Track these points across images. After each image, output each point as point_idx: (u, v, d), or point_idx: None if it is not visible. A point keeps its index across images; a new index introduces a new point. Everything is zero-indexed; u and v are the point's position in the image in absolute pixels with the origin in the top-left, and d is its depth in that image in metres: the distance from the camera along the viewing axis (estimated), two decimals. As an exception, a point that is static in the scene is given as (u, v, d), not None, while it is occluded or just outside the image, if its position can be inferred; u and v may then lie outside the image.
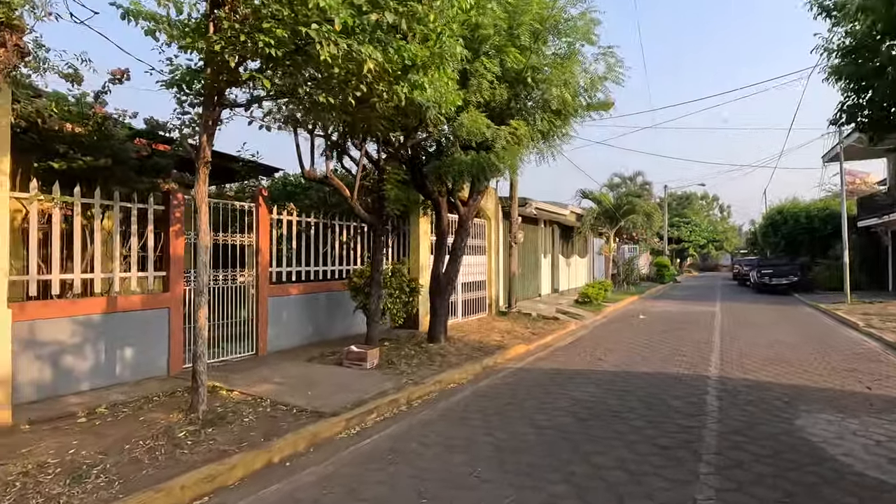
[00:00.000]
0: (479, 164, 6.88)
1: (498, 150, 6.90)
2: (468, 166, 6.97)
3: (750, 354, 8.44)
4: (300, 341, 8.17)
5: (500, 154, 6.91)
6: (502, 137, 7.22)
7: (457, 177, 7.36)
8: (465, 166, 6.99)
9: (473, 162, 6.90)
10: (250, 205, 7.42)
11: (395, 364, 7.18)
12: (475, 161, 6.88)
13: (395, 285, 8.03)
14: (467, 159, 6.94)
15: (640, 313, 15.05)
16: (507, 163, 7.33)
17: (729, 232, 58.39)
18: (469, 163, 6.93)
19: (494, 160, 6.84)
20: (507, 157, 7.29)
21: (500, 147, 7.03)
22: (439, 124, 6.97)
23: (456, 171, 7.17)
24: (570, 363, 7.96)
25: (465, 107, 7.00)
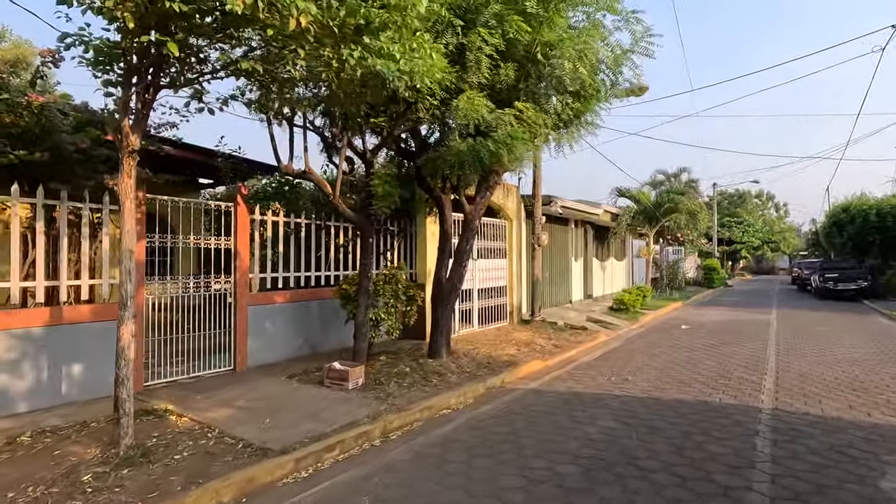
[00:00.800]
0: (476, 153, 5.88)
1: (499, 136, 5.88)
2: (463, 156, 5.99)
3: (813, 377, 7.01)
4: (287, 354, 7.41)
5: (502, 141, 5.88)
6: (506, 122, 6.21)
7: (449, 169, 6.38)
8: (460, 156, 6.02)
9: (469, 151, 5.91)
10: (227, 205, 6.73)
11: (382, 384, 6.28)
12: (471, 150, 5.90)
13: (389, 293, 7.13)
14: (463, 147, 5.96)
15: (683, 322, 13.53)
16: (513, 152, 6.29)
17: (786, 232, 54.40)
18: (465, 152, 5.95)
19: (494, 148, 5.82)
20: (514, 146, 6.25)
21: (503, 134, 6.01)
22: (430, 108, 6.04)
23: (449, 163, 6.20)
24: (591, 384, 6.82)
25: (458, 86, 6.05)
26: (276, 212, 7.35)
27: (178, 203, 6.20)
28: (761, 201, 56.51)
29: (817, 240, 42.68)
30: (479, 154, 5.86)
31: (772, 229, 51.24)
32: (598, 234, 18.07)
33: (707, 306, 18.30)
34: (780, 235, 52.05)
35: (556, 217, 14.48)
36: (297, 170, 6.18)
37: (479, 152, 5.85)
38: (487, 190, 7.88)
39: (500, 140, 5.87)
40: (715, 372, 7.39)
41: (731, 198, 53.45)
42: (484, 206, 7.88)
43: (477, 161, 5.95)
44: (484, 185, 7.87)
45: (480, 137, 5.91)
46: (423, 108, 6.07)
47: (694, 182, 24.51)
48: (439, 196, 7.78)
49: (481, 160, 5.92)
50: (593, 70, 6.68)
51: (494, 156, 5.92)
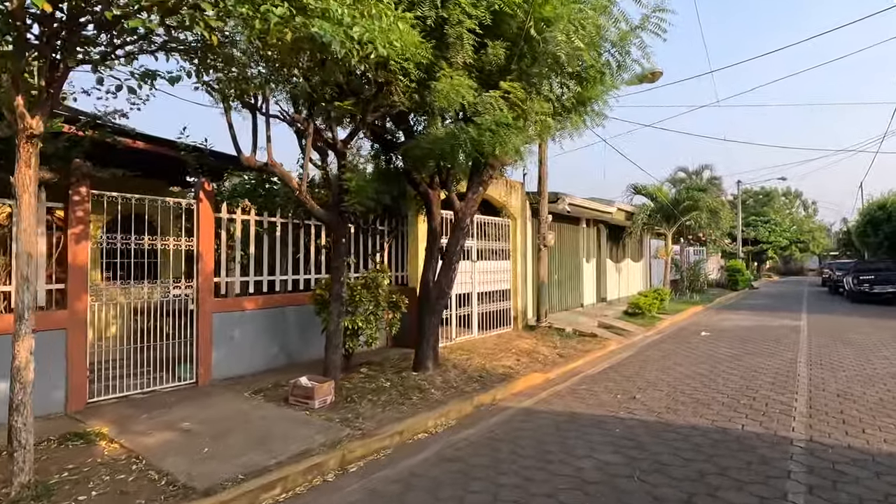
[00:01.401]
0: (454, 141, 5.14)
1: (483, 122, 5.13)
2: (441, 145, 5.25)
3: (852, 397, 6.07)
4: (259, 366, 6.77)
5: (486, 127, 5.13)
6: (494, 106, 5.45)
7: (431, 160, 5.66)
8: (437, 145, 5.29)
9: (447, 139, 5.17)
10: (189, 202, 6.12)
11: (354, 403, 5.59)
12: (449, 137, 5.16)
13: (368, 299, 6.44)
14: (440, 134, 5.23)
15: (703, 329, 12.54)
16: (503, 141, 5.52)
17: (816, 231, 52.16)
18: (443, 139, 5.22)
19: (475, 135, 5.07)
20: (502, 134, 5.49)
21: (489, 119, 5.26)
22: (406, 90, 5.33)
23: (426, 153, 5.48)
24: (593, 403, 6.01)
25: (439, 67, 5.33)
26: (246, 210, 6.73)
27: (129, 200, 5.61)
28: (789, 199, 54.30)
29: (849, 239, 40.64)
30: (459, 142, 5.11)
31: (800, 228, 49.20)
32: (613, 234, 17.11)
33: (730, 310, 17.17)
34: (809, 235, 49.93)
35: (566, 216, 13.62)
36: (260, 162, 5.53)
37: (459, 140, 5.11)
38: (480, 185, 7.12)
39: (483, 126, 5.11)
40: (737, 389, 6.50)
41: (757, 196, 51.46)
42: (476, 203, 7.13)
43: (456, 150, 5.21)
44: (476, 180, 7.11)
45: (462, 123, 5.16)
46: (399, 90, 5.36)
47: (716, 179, 23.25)
48: (426, 191, 7.06)
49: (462, 149, 5.17)
50: (593, 46, 5.87)
51: (477, 144, 5.16)
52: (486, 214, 10.84)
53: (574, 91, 6.71)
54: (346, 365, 6.77)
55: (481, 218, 10.47)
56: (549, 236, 11.28)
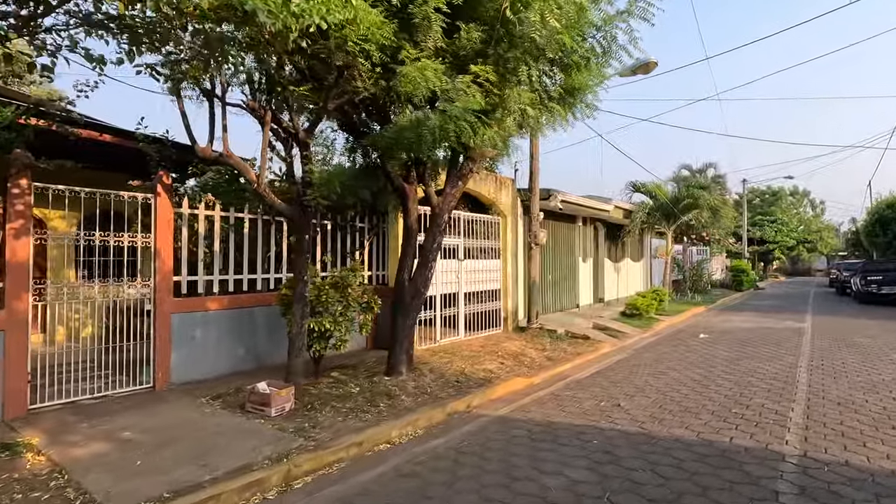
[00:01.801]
0: (418, 129, 4.75)
1: (450, 108, 4.75)
2: (405, 134, 4.87)
3: (854, 406, 5.64)
4: (224, 369, 6.43)
5: (453, 114, 4.74)
6: (467, 93, 5.07)
7: (392, 151, 5.29)
8: (401, 134, 4.91)
9: (411, 127, 4.79)
10: (146, 196, 5.79)
11: (315, 410, 5.22)
12: (413, 126, 4.77)
13: (337, 300, 6.07)
14: (405, 122, 4.85)
15: (702, 330, 12.08)
16: (471, 131, 5.14)
17: (824, 231, 51.24)
18: (407, 128, 4.84)
19: (440, 122, 4.68)
20: (471, 124, 5.10)
21: (456, 107, 4.87)
22: (370, 76, 4.96)
23: (390, 143, 5.10)
24: (574, 411, 5.61)
25: (407, 50, 4.96)
26: (210, 205, 6.38)
27: (79, 194, 5.27)
28: (796, 198, 53.42)
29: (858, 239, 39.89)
30: (423, 131, 4.73)
31: (808, 228, 48.35)
32: (611, 233, 16.66)
33: (732, 311, 16.67)
34: (817, 235, 49.06)
35: (561, 214, 13.20)
36: (215, 153, 5.18)
37: (423, 129, 4.72)
38: (459, 179, 6.74)
39: (449, 113, 4.72)
40: (730, 397, 6.08)
41: (764, 195, 50.65)
42: (455, 198, 6.75)
43: (422, 140, 4.83)
44: (455, 174, 6.74)
45: (429, 110, 4.77)
46: (362, 75, 4.99)
47: (721, 178, 22.67)
48: (401, 186, 6.69)
49: (427, 139, 4.79)
50: (574, 29, 5.47)
51: (443, 133, 4.77)
52: (475, 211, 10.48)
53: (558, 79, 6.33)
54: (315, 369, 6.42)
55: (469, 215, 10.10)
56: (541, 234, 10.88)
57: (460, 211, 9.93)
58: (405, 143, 4.97)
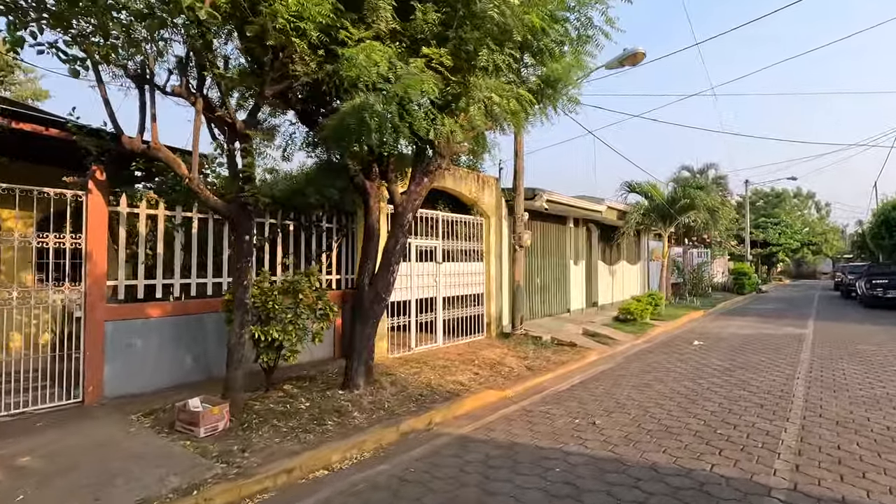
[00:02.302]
0: (360, 114, 4.23)
1: (392, 90, 4.22)
2: (347, 122, 4.36)
3: (855, 426, 5.08)
4: (167, 381, 5.93)
5: (395, 96, 4.22)
6: (422, 78, 4.56)
7: (339, 142, 4.78)
8: (343, 122, 4.39)
9: (353, 114, 4.27)
10: (76, 194, 5.30)
11: (252, 430, 4.71)
12: (355, 112, 4.25)
13: (287, 306, 5.56)
14: (347, 108, 4.33)
15: (698, 337, 11.50)
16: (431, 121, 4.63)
17: (829, 234, 50.47)
18: (349, 114, 4.32)
19: (381, 108, 4.15)
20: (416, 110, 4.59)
21: (397, 88, 4.35)
22: (311, 58, 4.46)
23: (333, 133, 4.59)
24: (544, 430, 5.08)
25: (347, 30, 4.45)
26: (152, 203, 5.90)
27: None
28: (800, 200, 52.64)
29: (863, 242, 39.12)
30: (363, 116, 4.21)
31: (812, 230, 47.59)
32: (605, 235, 16.10)
33: (732, 316, 16.07)
34: (822, 237, 48.30)
35: (550, 214, 12.67)
36: (142, 145, 4.69)
37: (363, 115, 4.21)
38: (425, 176, 6.22)
39: (391, 95, 4.20)
40: (718, 414, 5.53)
41: (767, 197, 49.94)
42: (420, 197, 6.23)
43: (363, 129, 4.31)
44: (420, 170, 6.23)
45: (372, 95, 4.25)
46: (305, 58, 4.49)
47: (722, 179, 22.06)
48: (362, 183, 6.20)
49: (369, 126, 4.26)
50: (538, 5, 4.96)
51: (389, 119, 4.25)
52: (456, 212, 9.97)
53: (536, 69, 5.83)
54: (267, 381, 5.91)
55: (449, 216, 9.59)
56: (525, 236, 10.35)
57: (439, 211, 9.44)
58: (349, 132, 4.46)
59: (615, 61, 8.86)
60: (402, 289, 8.48)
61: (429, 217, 9.07)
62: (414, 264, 8.70)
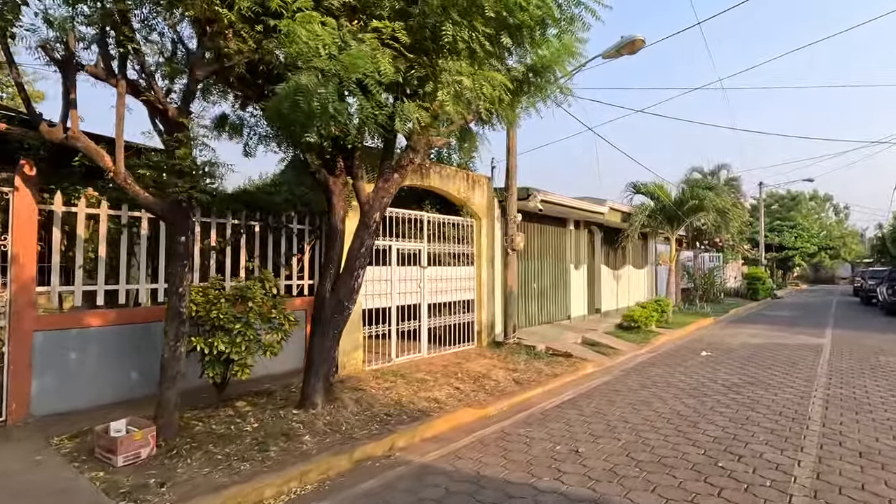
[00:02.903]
0: (294, 96, 3.65)
1: (330, 67, 3.63)
2: (281, 105, 3.78)
3: (880, 455, 4.37)
4: (108, 397, 5.39)
5: (331, 77, 3.63)
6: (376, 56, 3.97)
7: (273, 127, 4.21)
8: (278, 106, 3.81)
9: (287, 96, 3.69)
10: (4, 190, 4.80)
11: (180, 457, 4.14)
12: (290, 94, 3.66)
13: (232, 316, 4.98)
14: (282, 90, 3.75)
15: (706, 347, 10.75)
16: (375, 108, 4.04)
17: (847, 237, 48.90)
18: (283, 97, 3.74)
19: (312, 86, 3.56)
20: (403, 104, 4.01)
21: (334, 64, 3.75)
22: (248, 34, 3.90)
23: (271, 117, 4.03)
24: (517, 460, 4.43)
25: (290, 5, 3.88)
26: (91, 200, 5.38)
27: None
28: (817, 203, 51.10)
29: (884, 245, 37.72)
30: (297, 99, 3.62)
31: (830, 234, 46.11)
32: (609, 238, 15.37)
33: (744, 324, 15.23)
34: (840, 241, 46.77)
35: (549, 216, 12.00)
36: (61, 135, 4.16)
37: (298, 97, 3.62)
38: (395, 172, 5.63)
39: (330, 76, 3.60)
40: (721, 441, 4.84)
41: (783, 200, 48.53)
42: (390, 194, 5.64)
43: (298, 111, 3.72)
44: (390, 165, 5.64)
45: (307, 74, 3.66)
46: (242, 34, 3.93)
47: (735, 180, 21.29)
48: (324, 179, 5.63)
49: (304, 109, 3.68)
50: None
51: (322, 104, 3.64)
52: (445, 213, 9.37)
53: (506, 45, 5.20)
54: (218, 398, 5.36)
55: (435, 217, 9.00)
56: (518, 238, 9.70)
57: (425, 212, 8.84)
58: (285, 117, 3.89)
59: (612, 50, 8.21)
60: (381, 295, 7.91)
61: (413, 218, 8.49)
62: (395, 268, 8.11)
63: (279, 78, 4.07)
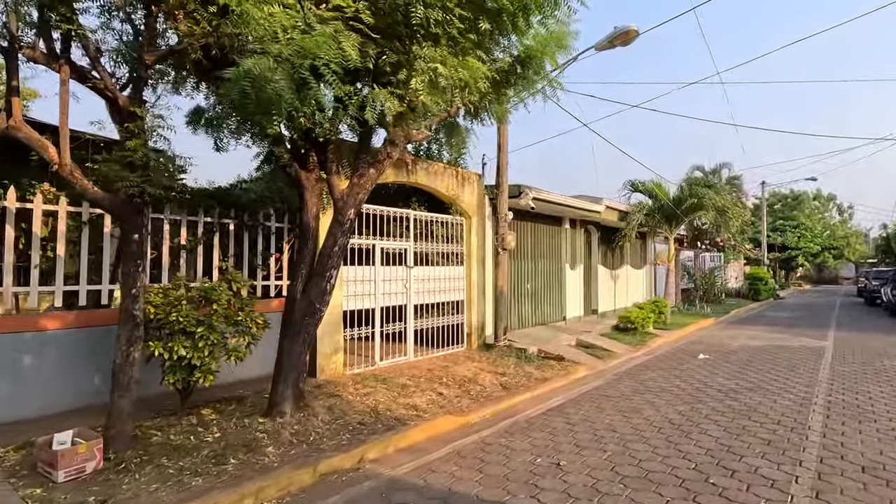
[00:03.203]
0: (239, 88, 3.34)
1: (281, 47, 3.33)
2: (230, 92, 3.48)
3: (885, 472, 4.05)
4: (67, 403, 5.11)
5: (283, 61, 3.33)
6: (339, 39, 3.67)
7: (232, 116, 3.92)
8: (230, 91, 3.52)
9: (235, 81, 3.39)
10: (-51, 184, 4.53)
11: (128, 471, 3.84)
12: (240, 77, 3.36)
13: (194, 319, 4.69)
14: (232, 75, 3.45)
15: (704, 349, 10.42)
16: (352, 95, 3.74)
17: (851, 237, 48.36)
18: (231, 83, 3.44)
19: (258, 70, 3.25)
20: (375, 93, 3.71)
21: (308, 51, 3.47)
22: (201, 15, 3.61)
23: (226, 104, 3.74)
24: (493, 475, 4.13)
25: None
26: (48, 196, 5.10)
27: None
28: (821, 203, 50.59)
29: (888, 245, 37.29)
30: (244, 85, 3.32)
31: (833, 234, 45.61)
32: (606, 237, 15.05)
33: (744, 325, 14.89)
34: (844, 241, 46.25)
35: (543, 214, 11.69)
36: (3, 126, 3.87)
37: (244, 83, 3.31)
38: (372, 167, 5.33)
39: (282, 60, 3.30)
40: (714, 453, 4.52)
41: (785, 199, 48.05)
42: (366, 190, 5.34)
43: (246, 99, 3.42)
44: (365, 160, 5.34)
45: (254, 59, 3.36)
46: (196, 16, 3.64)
47: (737, 179, 20.90)
48: (295, 173, 5.33)
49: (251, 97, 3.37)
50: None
51: (271, 87, 3.34)
52: (433, 211, 9.07)
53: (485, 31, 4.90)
54: (182, 405, 5.08)
55: (423, 215, 8.70)
56: (509, 237, 9.40)
57: (412, 210, 8.54)
58: (240, 107, 3.59)
59: (605, 41, 7.89)
60: (364, 296, 7.61)
61: (398, 216, 8.19)
62: (379, 268, 7.81)
63: (235, 65, 3.78)
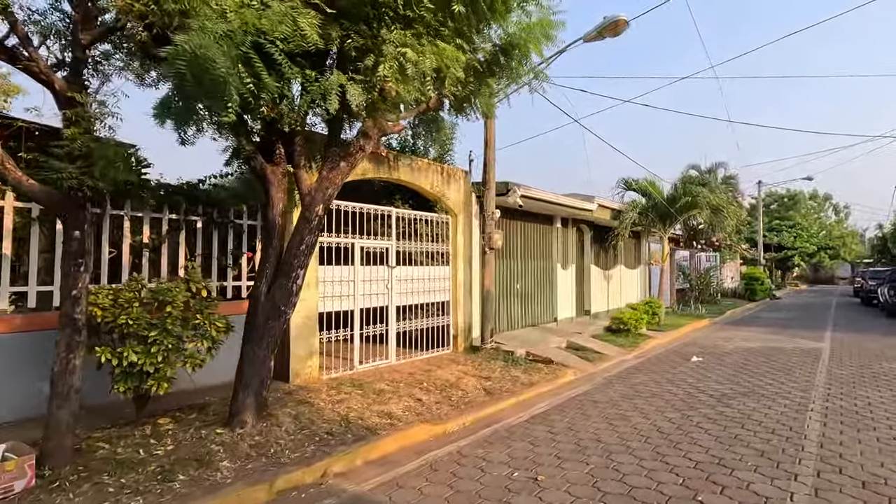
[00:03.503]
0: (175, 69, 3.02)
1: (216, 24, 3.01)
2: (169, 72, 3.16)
3: (886, 487, 3.75)
4: (15, 413, 4.78)
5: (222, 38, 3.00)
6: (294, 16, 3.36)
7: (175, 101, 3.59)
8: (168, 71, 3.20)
9: (170, 62, 3.06)
10: None
11: (64, 490, 3.51)
12: (172, 58, 3.03)
13: (146, 323, 4.36)
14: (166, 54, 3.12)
15: (698, 351, 10.13)
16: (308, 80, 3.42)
17: (847, 237, 48.22)
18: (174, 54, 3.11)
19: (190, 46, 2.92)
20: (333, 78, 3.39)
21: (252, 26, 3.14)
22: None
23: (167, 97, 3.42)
24: (467, 491, 3.82)
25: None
26: (-6, 192, 4.76)
27: None
28: (817, 203, 50.44)
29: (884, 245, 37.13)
30: (181, 73, 2.99)
31: (829, 234, 45.45)
32: (599, 237, 14.76)
33: (739, 326, 14.62)
34: (840, 241, 46.10)
35: (534, 213, 11.39)
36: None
37: (178, 63, 2.98)
38: (343, 160, 5.02)
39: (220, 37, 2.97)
40: (704, 466, 4.22)
41: (782, 199, 47.89)
42: (336, 185, 5.02)
43: (184, 82, 3.10)
44: (336, 153, 5.03)
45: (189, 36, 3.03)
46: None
47: (732, 178, 20.67)
48: (260, 167, 5.00)
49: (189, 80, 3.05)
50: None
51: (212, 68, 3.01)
52: (418, 208, 8.75)
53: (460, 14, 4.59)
54: (137, 414, 4.75)
55: (405, 213, 8.38)
56: (496, 236, 9.08)
57: (395, 207, 8.22)
58: (177, 89, 3.28)
59: (594, 32, 7.59)
60: (342, 297, 7.29)
61: (380, 214, 7.87)
62: (358, 268, 7.49)
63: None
